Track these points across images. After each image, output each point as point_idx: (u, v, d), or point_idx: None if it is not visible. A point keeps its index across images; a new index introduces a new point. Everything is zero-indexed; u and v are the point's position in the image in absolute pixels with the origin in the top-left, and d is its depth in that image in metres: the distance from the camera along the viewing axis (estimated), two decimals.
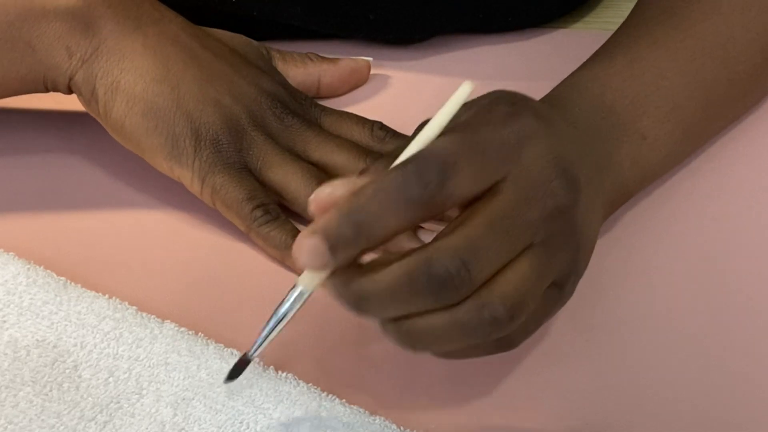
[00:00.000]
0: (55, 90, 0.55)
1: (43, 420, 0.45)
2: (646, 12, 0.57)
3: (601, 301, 0.52)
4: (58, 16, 0.53)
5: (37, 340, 0.48)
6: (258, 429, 0.45)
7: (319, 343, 0.50)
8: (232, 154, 0.54)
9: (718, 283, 0.53)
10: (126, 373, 0.47)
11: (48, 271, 0.51)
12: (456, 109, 0.41)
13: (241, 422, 0.45)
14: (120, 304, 0.50)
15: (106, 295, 0.50)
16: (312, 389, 0.47)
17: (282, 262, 0.53)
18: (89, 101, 0.55)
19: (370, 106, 0.63)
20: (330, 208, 0.40)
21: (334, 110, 0.59)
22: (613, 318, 0.51)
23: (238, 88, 0.55)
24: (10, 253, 0.52)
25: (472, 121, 0.42)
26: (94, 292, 0.50)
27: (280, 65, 0.61)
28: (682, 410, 0.48)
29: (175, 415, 0.46)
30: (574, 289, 0.46)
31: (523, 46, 0.67)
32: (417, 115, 0.55)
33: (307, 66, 0.61)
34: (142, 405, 0.46)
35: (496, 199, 0.41)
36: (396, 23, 0.65)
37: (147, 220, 0.56)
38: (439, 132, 0.41)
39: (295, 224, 0.54)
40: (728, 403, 0.48)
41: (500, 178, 0.42)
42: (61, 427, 0.45)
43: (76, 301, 0.50)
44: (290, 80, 0.60)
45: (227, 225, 0.55)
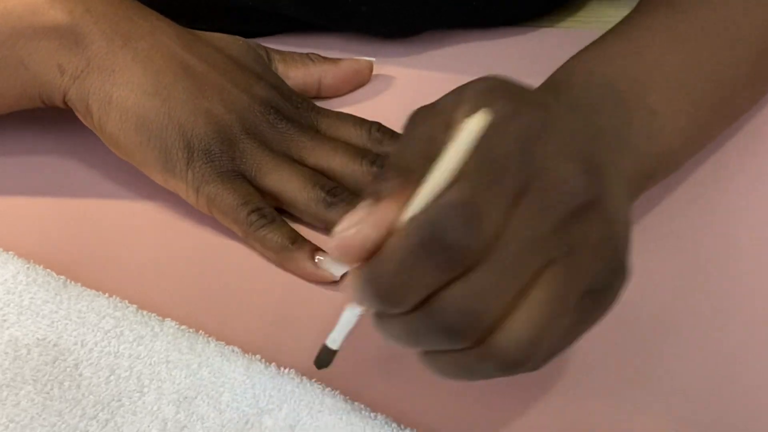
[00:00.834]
0: (52, 105, 0.55)
1: (44, 418, 0.45)
2: (642, 5, 0.57)
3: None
4: (48, 34, 0.53)
5: (38, 339, 0.48)
6: (261, 428, 0.45)
7: (322, 341, 0.50)
8: (226, 163, 0.54)
9: (720, 283, 0.53)
10: (127, 371, 0.47)
11: (48, 270, 0.51)
12: (469, 145, 0.38)
13: (246, 422, 0.45)
14: (120, 302, 0.50)
15: (107, 294, 0.50)
16: (314, 385, 0.47)
17: (280, 265, 0.53)
18: (85, 116, 0.55)
19: (366, 104, 0.62)
20: (354, 249, 0.39)
21: (332, 112, 0.59)
22: (614, 318, 0.51)
23: (230, 97, 0.55)
24: (10, 253, 0.52)
25: (478, 153, 0.39)
26: (94, 291, 0.50)
27: (281, 67, 0.61)
28: (683, 410, 0.48)
29: (177, 412, 0.46)
30: (620, 291, 0.42)
31: (520, 42, 0.67)
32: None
33: (307, 67, 0.61)
34: (144, 403, 0.46)
35: (509, 220, 0.38)
36: (388, 16, 0.65)
37: (147, 218, 0.56)
38: (454, 170, 0.38)
39: (293, 225, 0.54)
40: (729, 403, 0.48)
41: (519, 191, 0.39)
42: (63, 426, 0.45)
43: (76, 299, 0.50)
44: (291, 81, 0.60)
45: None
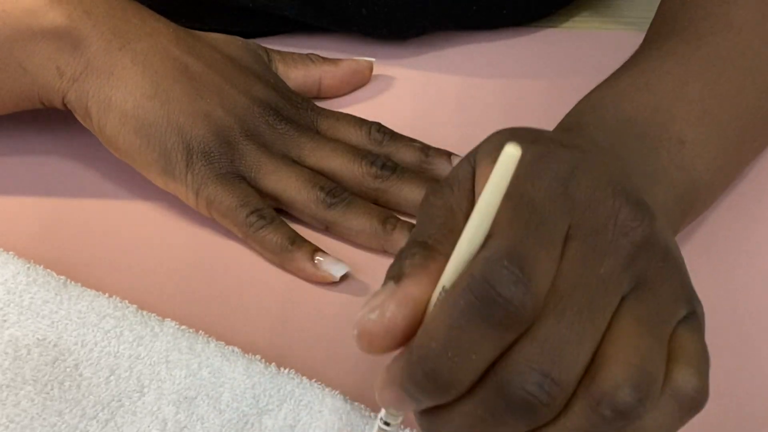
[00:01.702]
0: (52, 107, 0.55)
1: (44, 419, 0.45)
2: (653, 35, 0.56)
3: None
4: (46, 37, 0.53)
5: (38, 339, 0.48)
6: (261, 428, 0.45)
7: (322, 341, 0.50)
8: (225, 165, 0.54)
9: (720, 282, 0.53)
10: (127, 371, 0.47)
11: (48, 270, 0.51)
12: (505, 185, 0.32)
13: (246, 422, 0.45)
14: (120, 302, 0.50)
15: (107, 294, 0.50)
16: (314, 385, 0.47)
17: (280, 266, 0.53)
18: (84, 119, 0.55)
19: (367, 104, 0.63)
20: (380, 335, 0.35)
21: (331, 112, 0.59)
22: None
23: (229, 98, 0.55)
24: (10, 253, 0.52)
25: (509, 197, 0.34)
26: (94, 291, 0.50)
27: (281, 67, 0.61)
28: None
29: (177, 413, 0.46)
30: (703, 319, 0.39)
31: (519, 44, 0.67)
32: (413, 113, 0.56)
33: (308, 67, 0.61)
34: (144, 403, 0.46)
35: (562, 267, 0.35)
36: (389, 18, 0.65)
37: (147, 218, 0.56)
38: (492, 217, 0.34)
39: (292, 225, 0.54)
40: (729, 403, 0.48)
41: (566, 233, 0.36)
42: (63, 426, 0.45)
43: (76, 299, 0.50)
44: (291, 82, 0.60)
45: None
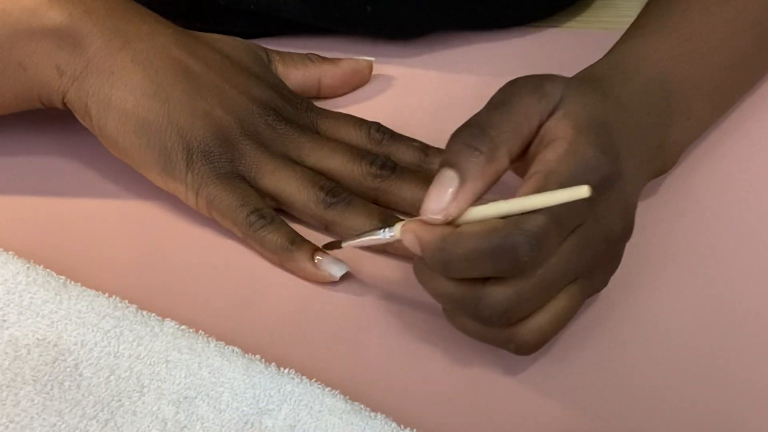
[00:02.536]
0: (51, 106, 0.55)
1: (44, 419, 0.45)
2: None
3: (605, 300, 0.52)
4: (46, 35, 0.53)
5: (38, 339, 0.48)
6: (261, 428, 0.45)
7: (322, 341, 0.50)
8: (225, 165, 0.54)
9: (720, 282, 0.53)
10: (127, 371, 0.47)
11: (48, 270, 0.51)
12: (563, 201, 0.44)
13: (246, 422, 0.45)
14: (120, 302, 0.50)
15: (106, 294, 0.50)
16: (314, 385, 0.47)
17: (280, 266, 0.53)
18: (83, 118, 0.55)
19: (367, 104, 0.62)
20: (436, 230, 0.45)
21: (331, 112, 0.59)
22: (616, 317, 0.51)
23: (229, 98, 0.55)
24: (10, 253, 0.52)
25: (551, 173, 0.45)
26: (94, 291, 0.50)
27: (280, 67, 0.61)
28: (683, 410, 0.48)
29: (177, 412, 0.46)
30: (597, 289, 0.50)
31: (522, 44, 0.67)
32: (416, 114, 0.56)
33: (307, 67, 0.61)
34: (144, 403, 0.46)
35: (559, 252, 0.45)
36: (393, 18, 0.65)
37: (147, 218, 0.56)
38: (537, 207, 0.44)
39: (292, 225, 0.54)
40: (729, 402, 0.48)
41: (576, 228, 0.46)
42: (63, 426, 0.45)
43: (76, 299, 0.50)
44: (290, 82, 0.60)
45: None
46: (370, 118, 0.58)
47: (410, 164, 0.56)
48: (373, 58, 0.63)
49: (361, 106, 0.62)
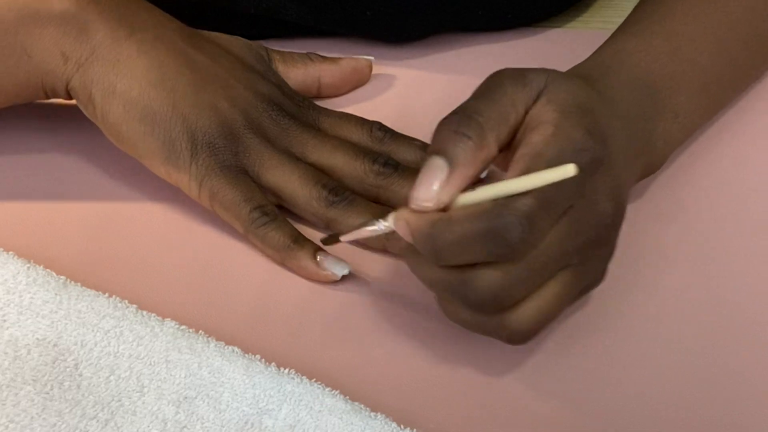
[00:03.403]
0: (55, 95, 0.55)
1: (44, 419, 0.45)
2: None
3: (603, 298, 0.52)
4: (52, 21, 0.53)
5: (38, 339, 0.48)
6: (261, 428, 0.45)
7: (322, 341, 0.50)
8: (229, 158, 0.54)
9: (720, 280, 0.53)
10: (127, 371, 0.47)
11: (48, 270, 0.51)
12: (550, 181, 0.43)
13: (246, 422, 0.45)
14: (120, 302, 0.50)
15: (107, 294, 0.50)
16: (314, 385, 0.47)
17: (281, 264, 0.53)
18: (86, 106, 0.55)
19: (369, 105, 0.63)
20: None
21: (333, 111, 0.59)
22: (614, 315, 0.51)
23: (234, 92, 0.55)
24: (10, 253, 0.52)
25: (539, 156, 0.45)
26: (94, 291, 0.50)
27: (281, 67, 0.61)
28: (682, 409, 0.48)
29: (177, 412, 0.46)
30: (593, 289, 0.50)
31: (523, 45, 0.67)
32: (417, 114, 0.56)
33: (307, 66, 0.61)
34: (144, 403, 0.46)
35: (549, 236, 0.45)
36: (393, 21, 0.65)
37: (147, 218, 0.56)
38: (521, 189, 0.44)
39: (294, 224, 0.54)
40: (729, 402, 0.48)
41: (566, 211, 0.45)
42: (63, 426, 0.45)
43: (76, 299, 0.50)
44: (290, 81, 0.60)
45: (227, 224, 0.55)
46: (371, 118, 0.58)
47: (411, 163, 0.56)
48: (372, 57, 0.63)
49: (361, 106, 0.62)
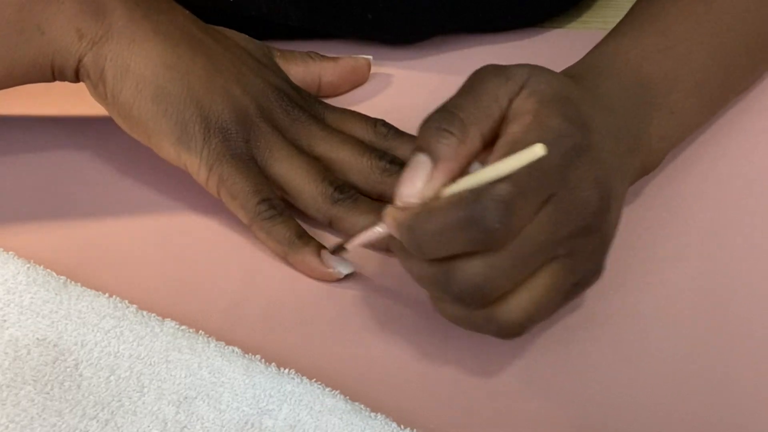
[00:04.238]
0: (62, 76, 0.55)
1: (44, 419, 0.45)
2: None
3: (602, 296, 0.52)
4: None
5: (38, 339, 0.48)
6: (261, 428, 0.45)
7: (321, 341, 0.50)
8: (240, 145, 0.54)
9: (720, 279, 0.53)
10: (127, 371, 0.47)
11: (48, 270, 0.51)
12: (521, 164, 0.43)
13: (246, 422, 0.45)
14: (120, 302, 0.50)
15: (107, 294, 0.50)
16: (314, 385, 0.47)
17: (284, 258, 0.53)
18: (96, 84, 0.54)
19: (370, 104, 0.63)
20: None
21: (337, 107, 0.59)
22: (613, 314, 0.51)
23: (246, 79, 0.56)
24: (10, 253, 0.52)
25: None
26: (94, 291, 0.50)
27: (282, 64, 0.61)
28: (682, 409, 0.48)
29: (177, 412, 0.46)
30: (592, 285, 0.49)
31: (523, 46, 0.67)
32: (417, 114, 0.55)
33: (307, 64, 0.61)
34: (144, 403, 0.46)
35: (532, 222, 0.44)
36: (394, 23, 0.65)
37: (146, 218, 0.56)
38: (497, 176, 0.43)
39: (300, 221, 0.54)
40: (728, 402, 0.48)
41: (546, 199, 0.45)
42: (63, 426, 0.45)
43: (76, 299, 0.50)
44: (291, 79, 0.60)
45: (227, 223, 0.55)
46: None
47: None
48: (371, 56, 0.63)
49: (361, 106, 0.62)
